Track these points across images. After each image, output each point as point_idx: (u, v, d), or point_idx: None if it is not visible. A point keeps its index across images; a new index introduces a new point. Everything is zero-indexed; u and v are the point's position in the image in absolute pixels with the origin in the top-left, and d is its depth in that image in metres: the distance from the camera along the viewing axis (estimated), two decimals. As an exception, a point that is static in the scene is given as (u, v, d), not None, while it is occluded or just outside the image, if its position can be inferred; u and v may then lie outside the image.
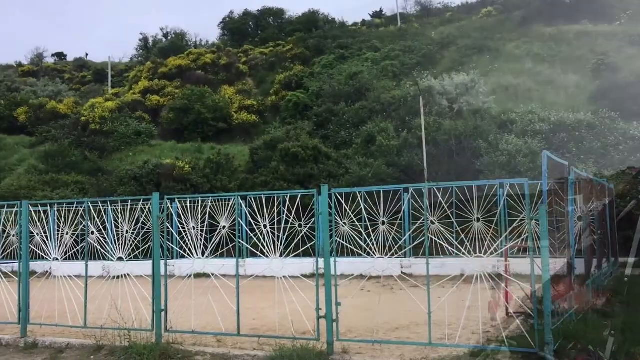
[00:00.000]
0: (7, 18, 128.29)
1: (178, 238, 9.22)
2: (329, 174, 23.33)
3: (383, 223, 17.23)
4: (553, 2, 44.64)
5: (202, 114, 36.10)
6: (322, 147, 25.12)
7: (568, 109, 25.25)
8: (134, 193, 23.24)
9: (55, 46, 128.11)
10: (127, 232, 14.66)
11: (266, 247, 7.87)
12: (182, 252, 9.05)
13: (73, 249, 15.40)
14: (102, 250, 11.23)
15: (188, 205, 14.65)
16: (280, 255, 7.91)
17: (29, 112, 41.96)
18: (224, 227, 16.44)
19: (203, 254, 8.59)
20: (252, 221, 11.32)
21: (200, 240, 8.77)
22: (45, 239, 10.71)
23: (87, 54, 75.30)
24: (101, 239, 13.26)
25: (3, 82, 56.07)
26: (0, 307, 9.42)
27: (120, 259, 8.92)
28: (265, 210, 9.01)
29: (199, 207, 10.86)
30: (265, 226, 8.86)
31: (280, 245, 7.92)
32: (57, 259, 9.72)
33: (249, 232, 9.90)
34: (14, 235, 13.83)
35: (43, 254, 10.32)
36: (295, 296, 7.93)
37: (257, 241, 8.15)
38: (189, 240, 8.50)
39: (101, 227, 16.25)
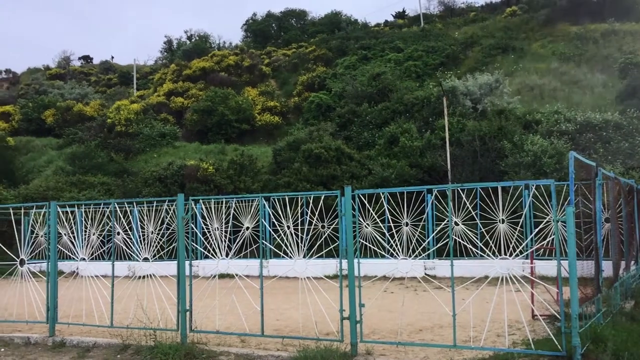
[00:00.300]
0: (35, 23, 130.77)
1: (202, 238, 9.28)
2: (351, 175, 23.30)
3: (406, 224, 17.19)
4: (579, 0, 43.99)
5: (226, 116, 36.35)
6: (344, 148, 25.08)
7: (595, 109, 24.86)
8: (158, 194, 23.50)
9: (81, 49, 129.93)
10: (151, 232, 14.86)
11: (289, 248, 7.88)
12: (206, 252, 9.11)
13: (99, 250, 15.62)
14: (127, 250, 11.36)
15: (212, 206, 14.77)
16: (304, 256, 7.92)
17: (57, 114, 42.72)
18: (247, 228, 16.57)
19: (227, 254, 8.64)
20: (275, 222, 11.37)
21: (225, 241, 8.84)
22: (73, 239, 10.90)
23: (112, 57, 76.35)
24: (127, 239, 13.45)
25: (31, 85, 57.13)
26: (29, 306, 9.57)
27: (145, 259, 9.01)
28: (288, 211, 9.02)
29: (223, 208, 10.94)
30: (288, 227, 8.88)
31: (304, 246, 7.93)
32: (84, 259, 9.86)
33: (272, 232, 9.93)
34: (42, 236, 14.09)
35: (70, 254, 10.49)
36: (319, 297, 7.94)
37: (280, 242, 8.18)
38: (213, 240, 8.56)
39: (127, 228, 16.47)
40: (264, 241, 9.32)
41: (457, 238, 12.84)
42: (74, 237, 10.83)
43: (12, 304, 9.91)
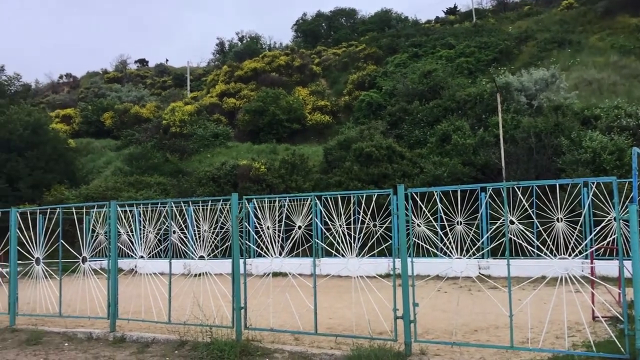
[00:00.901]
0: (94, 28, 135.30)
1: (256, 237, 9.40)
2: (403, 174, 23.14)
3: (459, 223, 16.95)
4: (639, -10, 42.26)
5: (277, 116, 36.69)
6: (396, 147, 24.92)
7: (658, 103, 23.88)
8: (212, 193, 23.95)
9: (137, 53, 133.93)
10: (205, 231, 15.15)
11: (341, 247, 7.89)
12: (259, 251, 9.23)
13: (157, 248, 16.03)
14: (183, 248, 11.62)
15: (265, 205, 14.93)
16: (357, 255, 7.91)
17: (114, 116, 44.10)
18: (299, 227, 16.68)
19: (280, 253, 8.73)
20: (326, 221, 11.41)
21: (278, 240, 8.93)
22: (131, 238, 11.23)
23: (167, 60, 78.13)
24: (182, 238, 13.76)
25: (90, 89, 59.15)
26: (91, 302, 9.90)
27: (201, 257, 9.20)
28: (341, 209, 9.04)
29: (276, 207, 11.05)
30: (340, 225, 8.90)
31: (356, 245, 7.93)
32: (142, 257, 10.15)
33: (324, 231, 9.96)
34: (102, 234, 14.57)
35: (130, 252, 10.81)
36: (371, 296, 7.92)
37: (332, 240, 8.19)
38: (266, 239, 8.66)
39: (183, 226, 16.86)
40: (316, 240, 9.37)
41: (513, 237, 12.58)
42: (132, 235, 11.16)
43: (75, 300, 10.27)
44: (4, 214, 11.06)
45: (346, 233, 8.09)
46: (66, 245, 10.13)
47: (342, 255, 7.94)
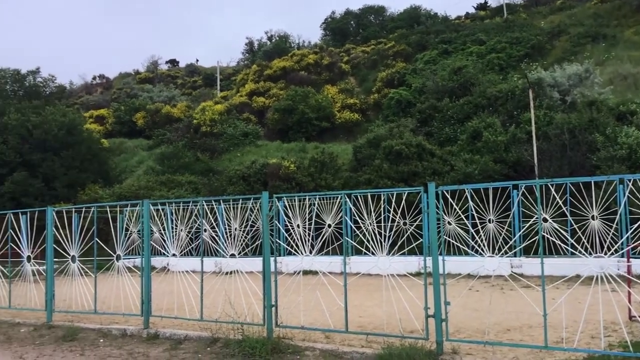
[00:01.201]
0: (126, 29, 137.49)
1: (286, 235, 9.43)
2: (433, 172, 22.97)
3: (490, 221, 16.75)
4: (677, -18, 41.16)
5: (306, 114, 36.78)
6: (426, 144, 24.75)
7: (697, 98, 23.22)
8: (242, 192, 24.13)
9: (168, 54, 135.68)
10: (235, 229, 15.27)
11: (371, 244, 7.86)
12: (289, 249, 9.26)
13: (188, 246, 16.22)
14: (214, 247, 11.72)
15: (294, 203, 14.98)
16: (387, 253, 7.88)
17: (146, 116, 44.77)
18: (329, 226, 16.69)
19: (310, 252, 8.74)
20: (356, 219, 11.38)
21: (308, 238, 8.95)
22: (163, 236, 11.39)
23: (197, 60, 78.95)
24: (213, 236, 13.88)
25: (123, 89, 60.15)
26: (125, 299, 10.06)
27: (232, 255, 9.27)
28: (371, 207, 9.01)
29: (306, 205, 11.07)
30: (371, 223, 8.87)
31: (386, 243, 7.89)
32: (175, 255, 10.28)
33: (355, 229, 9.94)
34: (135, 232, 14.81)
35: (162, 250, 10.96)
36: (402, 294, 7.88)
37: (362, 238, 8.17)
38: (296, 237, 8.69)
39: (214, 224, 17.01)
40: (347, 238, 9.36)
41: (546, 235, 12.38)
42: (164, 233, 11.32)
43: (110, 298, 10.44)
44: (41, 213, 11.32)
45: (376, 231, 8.05)
46: (101, 244, 10.31)
47: (373, 254, 7.92)
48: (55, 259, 10.93)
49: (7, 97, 35.41)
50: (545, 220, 14.63)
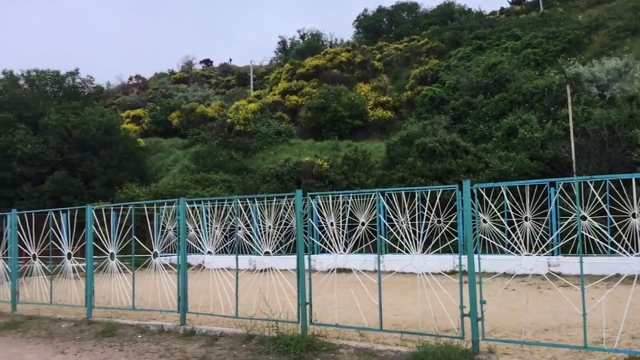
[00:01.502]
0: (161, 30, 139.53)
1: (320, 233, 9.46)
2: (467, 169, 22.71)
3: (527, 219, 16.49)
4: None
5: (339, 112, 36.75)
6: (460, 142, 24.46)
7: None
8: (276, 190, 24.27)
9: (202, 53, 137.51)
10: (269, 227, 15.37)
11: (405, 241, 7.82)
12: (323, 247, 9.27)
13: (223, 244, 16.37)
14: (249, 244, 11.79)
15: (328, 201, 14.99)
16: (422, 252, 7.83)
17: (181, 116, 45.36)
18: (362, 224, 16.66)
19: (344, 250, 8.75)
20: (390, 217, 11.33)
21: (341, 236, 8.95)
22: (199, 234, 11.52)
23: (230, 60, 79.64)
24: (248, 234, 13.99)
25: (158, 89, 61.07)
26: (162, 296, 10.22)
27: (267, 253, 9.34)
28: (405, 205, 8.96)
29: (340, 203, 11.07)
30: (404, 222, 8.82)
31: (420, 241, 7.84)
32: (210, 253, 10.40)
33: (389, 227, 9.90)
34: (171, 230, 15.02)
35: (198, 247, 11.09)
36: (437, 292, 7.82)
37: (396, 236, 8.13)
38: (330, 235, 8.70)
39: (248, 222, 17.14)
40: (380, 236, 9.33)
41: (585, 233, 12.14)
42: (199, 231, 11.45)
43: (147, 294, 10.63)
44: (80, 211, 11.58)
45: (410, 229, 8.01)
46: (138, 241, 10.50)
47: (407, 252, 7.88)
48: (94, 256, 11.18)
49: (47, 98, 36.30)
50: (584, 218, 14.34)
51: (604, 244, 13.46)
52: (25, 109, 32.95)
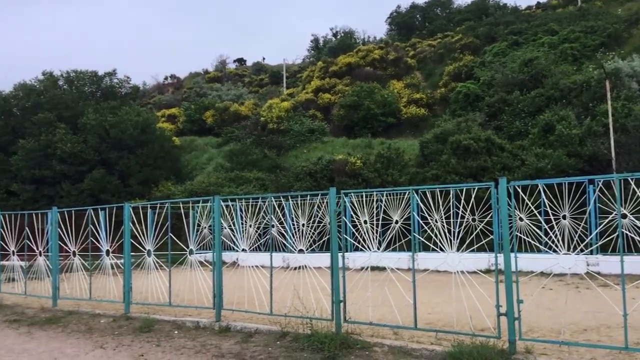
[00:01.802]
0: (195, 30, 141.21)
1: (354, 231, 9.45)
2: (503, 167, 22.38)
3: (564, 217, 16.18)
4: None
5: (372, 110, 36.61)
6: (495, 139, 24.11)
7: None
8: (309, 188, 24.34)
9: (236, 53, 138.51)
10: (303, 225, 15.42)
11: (439, 239, 7.75)
12: (356, 245, 9.26)
13: (257, 242, 16.49)
14: (283, 242, 11.87)
15: (361, 199, 14.96)
16: (457, 250, 7.75)
17: (215, 114, 45.79)
18: (396, 222, 16.58)
19: (378, 247, 8.73)
20: (424, 215, 11.26)
21: (375, 234, 8.93)
22: (233, 231, 11.64)
23: (263, 58, 79.99)
24: (282, 231, 14.08)
25: (193, 89, 61.80)
26: (198, 293, 10.36)
27: (300, 250, 9.38)
28: (439, 203, 8.89)
29: (373, 201, 11.04)
30: (439, 219, 8.76)
31: (455, 239, 7.77)
32: (244, 250, 10.49)
33: (423, 225, 9.83)
34: (206, 228, 15.19)
35: (232, 245, 11.19)
36: (472, 291, 7.74)
37: (430, 234, 8.07)
38: (363, 233, 8.69)
39: (282, 220, 17.24)
40: (415, 234, 9.27)
41: (626, 232, 11.86)
42: (234, 229, 11.57)
43: (183, 291, 10.79)
44: (118, 209, 11.81)
45: (445, 227, 7.94)
46: (174, 238, 10.66)
47: (441, 250, 7.82)
48: (132, 253, 11.39)
49: (85, 98, 37.09)
50: (624, 216, 14.00)
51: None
52: (65, 109, 33.78)
